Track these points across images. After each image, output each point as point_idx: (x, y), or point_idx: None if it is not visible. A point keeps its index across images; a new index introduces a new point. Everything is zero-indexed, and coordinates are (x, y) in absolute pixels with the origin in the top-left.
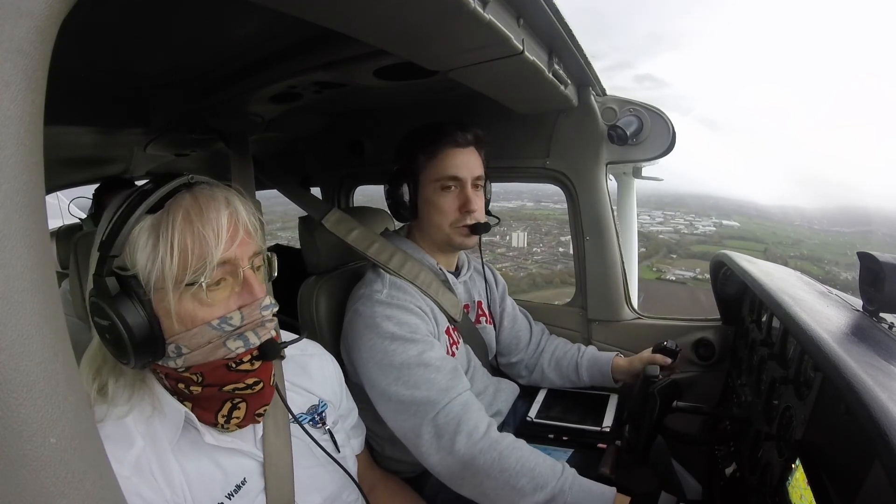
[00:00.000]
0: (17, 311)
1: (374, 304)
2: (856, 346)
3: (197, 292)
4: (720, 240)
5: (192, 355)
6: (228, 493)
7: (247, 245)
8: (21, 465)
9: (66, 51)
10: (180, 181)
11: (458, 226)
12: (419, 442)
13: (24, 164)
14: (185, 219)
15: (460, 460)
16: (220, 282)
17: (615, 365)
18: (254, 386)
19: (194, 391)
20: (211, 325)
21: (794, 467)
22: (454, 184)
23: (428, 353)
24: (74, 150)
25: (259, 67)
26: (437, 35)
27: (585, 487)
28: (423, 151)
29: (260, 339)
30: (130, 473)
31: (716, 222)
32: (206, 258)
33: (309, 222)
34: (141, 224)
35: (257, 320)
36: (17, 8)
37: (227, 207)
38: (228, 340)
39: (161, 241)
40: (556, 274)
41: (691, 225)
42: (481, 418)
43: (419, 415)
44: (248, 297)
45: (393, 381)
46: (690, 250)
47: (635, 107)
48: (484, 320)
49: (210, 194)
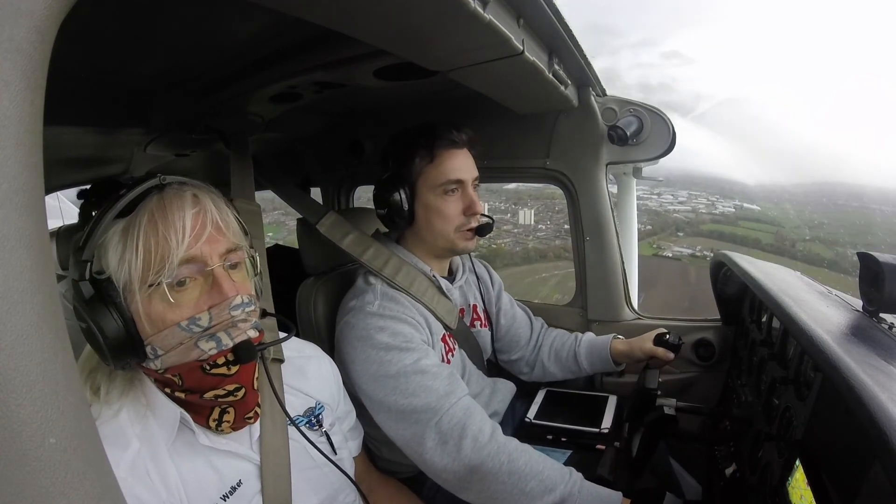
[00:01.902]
0: (16, 311)
1: (365, 315)
2: (856, 347)
3: (162, 292)
4: (735, 220)
5: (167, 357)
6: (223, 494)
7: (216, 242)
8: (21, 465)
9: (65, 51)
10: (149, 183)
11: (462, 230)
12: (422, 449)
13: (23, 164)
14: (149, 220)
15: (467, 465)
16: (188, 281)
17: (614, 349)
18: (235, 392)
19: (179, 396)
20: (180, 326)
21: (794, 467)
22: (456, 187)
23: (423, 361)
24: (74, 150)
25: (259, 67)
26: (437, 35)
27: (594, 491)
28: (420, 156)
29: (233, 339)
30: (126, 475)
31: (737, 205)
32: (167, 259)
33: (307, 223)
34: (114, 228)
35: (227, 320)
36: (17, 8)
37: (194, 206)
38: (200, 341)
39: (128, 243)
40: (552, 248)
41: (713, 205)
42: (485, 421)
43: (420, 422)
44: (218, 296)
45: (390, 391)
46: (699, 229)
47: (635, 107)
48: (479, 324)
49: (177, 194)
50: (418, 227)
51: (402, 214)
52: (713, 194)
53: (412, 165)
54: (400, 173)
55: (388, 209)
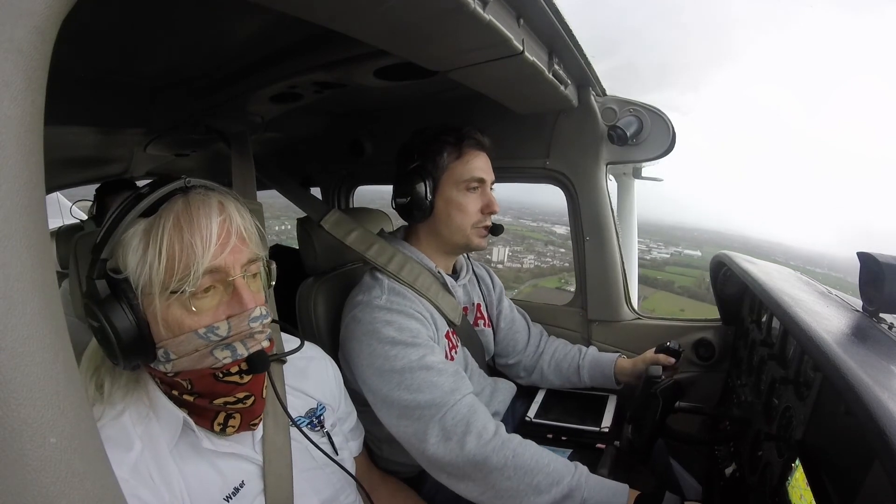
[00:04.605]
0: (17, 311)
1: (373, 309)
2: (856, 347)
3: (183, 300)
4: (662, 265)
5: (179, 361)
6: (226, 495)
7: (239, 252)
8: (21, 465)
9: (66, 51)
10: (175, 185)
11: (479, 226)
12: (424, 445)
13: (24, 164)
14: (174, 225)
15: (471, 460)
16: (209, 290)
17: (619, 367)
18: (245, 400)
19: (187, 399)
20: (197, 334)
21: (794, 467)
22: (478, 185)
23: (429, 357)
24: (74, 150)
25: (259, 67)
26: (437, 35)
27: (600, 482)
28: (448, 151)
29: (248, 350)
30: (129, 476)
31: (676, 251)
32: (192, 267)
33: (307, 223)
34: (134, 228)
35: (245, 332)
36: (17, 8)
37: (220, 214)
38: (216, 350)
39: (151, 246)
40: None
41: (648, 251)
42: (489, 419)
43: (424, 418)
44: (238, 307)
45: (395, 386)
46: None
47: (635, 107)
48: (482, 323)
49: (203, 200)
50: (435, 220)
51: (422, 206)
52: (657, 241)
53: (439, 160)
54: (425, 166)
55: (409, 199)
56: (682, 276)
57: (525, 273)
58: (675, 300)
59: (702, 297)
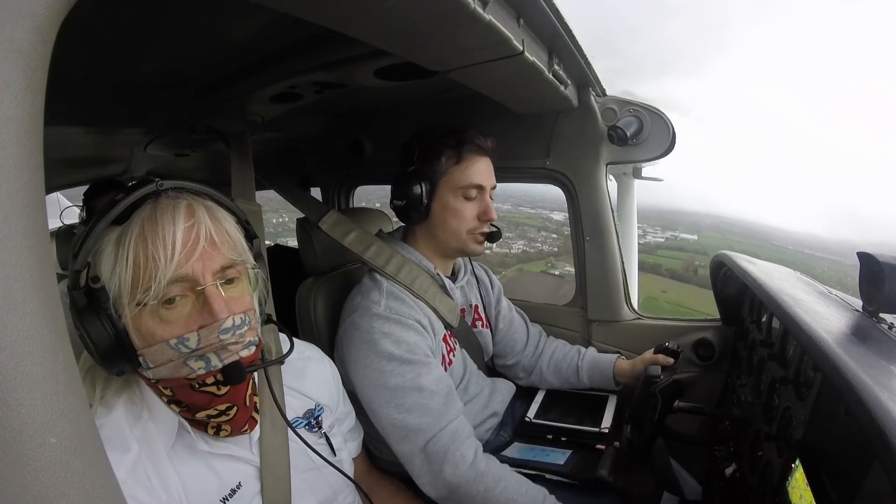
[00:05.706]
0: (17, 311)
1: (371, 317)
2: (856, 346)
3: (152, 310)
4: (654, 249)
5: (157, 370)
6: (223, 496)
7: (210, 259)
8: (21, 465)
9: (66, 51)
10: (146, 190)
11: (475, 233)
12: (411, 467)
13: (24, 165)
14: (139, 234)
15: (448, 485)
16: (178, 299)
17: (618, 368)
18: (227, 412)
19: (174, 410)
20: (168, 345)
21: (794, 467)
22: (477, 191)
23: (423, 378)
24: (74, 150)
25: (259, 67)
26: (437, 35)
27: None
28: (447, 155)
29: (223, 361)
30: (126, 477)
31: (672, 235)
32: (155, 278)
33: (306, 224)
34: (109, 236)
35: (216, 344)
36: (17, 8)
37: (187, 219)
38: (189, 360)
39: (119, 255)
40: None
41: (643, 235)
42: (468, 447)
43: (409, 441)
44: (208, 317)
45: (386, 402)
46: None
47: (635, 107)
48: (480, 324)
49: (171, 205)
50: (431, 224)
51: (418, 208)
52: (654, 226)
53: (437, 164)
54: (423, 169)
55: (406, 201)
56: (672, 259)
57: (511, 258)
58: (659, 281)
59: (687, 279)
